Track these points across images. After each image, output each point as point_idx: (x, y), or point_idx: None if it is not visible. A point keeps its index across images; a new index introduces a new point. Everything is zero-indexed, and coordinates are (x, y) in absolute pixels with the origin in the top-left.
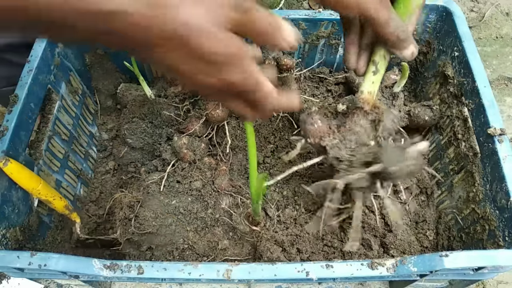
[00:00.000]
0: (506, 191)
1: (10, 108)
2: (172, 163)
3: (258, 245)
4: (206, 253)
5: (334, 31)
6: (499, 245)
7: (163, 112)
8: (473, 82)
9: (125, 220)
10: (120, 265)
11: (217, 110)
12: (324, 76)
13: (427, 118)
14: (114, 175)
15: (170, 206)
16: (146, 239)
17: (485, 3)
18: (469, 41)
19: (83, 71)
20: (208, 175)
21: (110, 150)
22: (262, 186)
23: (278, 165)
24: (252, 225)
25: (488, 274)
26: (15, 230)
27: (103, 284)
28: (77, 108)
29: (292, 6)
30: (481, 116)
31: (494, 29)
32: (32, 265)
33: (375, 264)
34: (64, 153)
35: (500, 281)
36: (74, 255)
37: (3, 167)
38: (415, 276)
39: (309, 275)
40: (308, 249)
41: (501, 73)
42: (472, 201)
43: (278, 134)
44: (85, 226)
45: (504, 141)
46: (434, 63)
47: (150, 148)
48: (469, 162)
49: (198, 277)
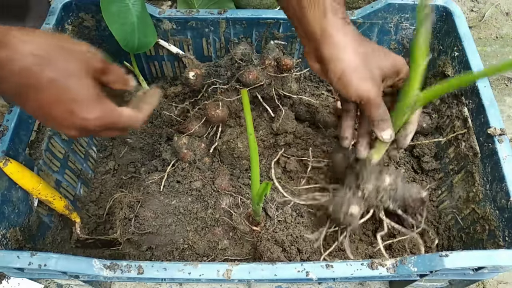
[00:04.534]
0: (506, 191)
1: (10, 108)
2: (172, 163)
3: (258, 245)
4: (206, 253)
5: None
6: (499, 245)
7: (163, 112)
8: (473, 82)
9: (125, 220)
10: (120, 265)
11: (217, 110)
12: None
13: (425, 125)
14: (114, 175)
15: (170, 206)
16: (146, 239)
17: (485, 3)
18: (469, 41)
19: None
20: (208, 175)
21: (110, 150)
22: (265, 191)
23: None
24: (252, 225)
25: (488, 274)
26: (15, 230)
27: (103, 284)
28: None
29: None
30: (481, 116)
31: (494, 29)
32: (32, 265)
33: (375, 264)
34: (64, 153)
35: (500, 281)
36: (74, 255)
37: (3, 167)
38: (415, 276)
39: (309, 275)
40: (308, 249)
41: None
42: (472, 201)
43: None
44: (85, 226)
45: (504, 141)
46: (434, 63)
47: (150, 148)
48: (469, 162)
49: (198, 277)
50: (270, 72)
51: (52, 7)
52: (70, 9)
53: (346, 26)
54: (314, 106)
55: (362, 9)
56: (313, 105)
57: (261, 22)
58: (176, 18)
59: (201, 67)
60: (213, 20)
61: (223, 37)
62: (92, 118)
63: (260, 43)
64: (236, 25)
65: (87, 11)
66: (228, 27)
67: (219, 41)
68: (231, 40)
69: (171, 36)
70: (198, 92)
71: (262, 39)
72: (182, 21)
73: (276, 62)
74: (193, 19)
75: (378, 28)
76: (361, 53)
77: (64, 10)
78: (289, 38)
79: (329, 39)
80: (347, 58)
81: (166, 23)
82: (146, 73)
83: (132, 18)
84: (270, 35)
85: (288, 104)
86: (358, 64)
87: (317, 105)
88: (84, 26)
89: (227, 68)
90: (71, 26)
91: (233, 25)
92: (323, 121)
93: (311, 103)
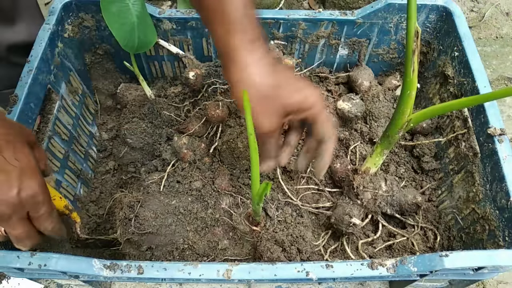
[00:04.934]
0: (506, 191)
1: (10, 108)
2: (172, 163)
3: (258, 245)
4: (206, 253)
5: (334, 31)
6: (499, 245)
7: (163, 112)
8: (473, 82)
9: (125, 220)
10: (120, 265)
11: (217, 110)
12: (325, 75)
13: (425, 125)
14: (114, 175)
15: (170, 206)
16: (146, 239)
17: (485, 3)
18: (469, 41)
19: (83, 71)
20: (208, 175)
21: (110, 150)
22: (265, 191)
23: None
24: (252, 225)
25: (488, 274)
26: None
27: (103, 284)
28: (77, 108)
29: (292, 6)
30: (481, 116)
31: (494, 29)
32: (32, 265)
33: (375, 264)
34: (64, 153)
35: (500, 281)
36: (74, 255)
37: None
38: (415, 276)
39: (309, 275)
40: (308, 249)
41: (501, 73)
42: (472, 201)
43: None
44: (85, 226)
45: (504, 141)
46: (434, 63)
47: (150, 148)
48: (469, 162)
49: (198, 277)
50: None
51: (52, 7)
52: (70, 9)
53: (254, 51)
54: None
55: (362, 9)
56: None
57: (261, 22)
58: (176, 18)
59: (201, 67)
60: None
61: None
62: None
63: None
64: None
65: (87, 11)
66: None
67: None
68: None
69: (171, 36)
70: (198, 92)
71: None
72: (182, 21)
73: None
74: (193, 19)
75: (378, 28)
76: (266, 84)
77: (64, 10)
78: (289, 38)
79: (233, 62)
80: (249, 85)
81: (166, 23)
82: (146, 73)
83: (132, 18)
84: (270, 35)
85: None
86: (258, 95)
87: None
88: (84, 26)
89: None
90: (71, 26)
91: None
92: None
93: None
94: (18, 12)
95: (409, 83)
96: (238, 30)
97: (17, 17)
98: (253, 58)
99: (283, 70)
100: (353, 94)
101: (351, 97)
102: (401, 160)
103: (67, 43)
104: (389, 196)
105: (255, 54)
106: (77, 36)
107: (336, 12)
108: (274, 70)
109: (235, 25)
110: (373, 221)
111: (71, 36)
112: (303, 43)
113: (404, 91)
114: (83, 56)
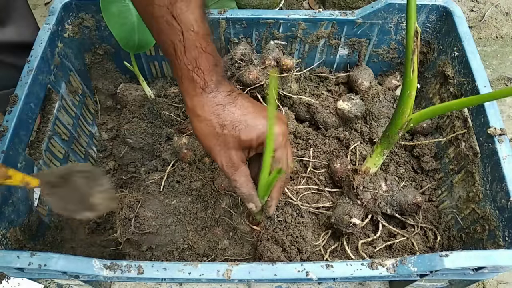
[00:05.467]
0: (506, 191)
1: (10, 108)
2: (172, 163)
3: (258, 245)
4: (206, 253)
5: (334, 31)
6: (499, 245)
7: (163, 112)
8: (473, 82)
9: (125, 220)
10: (120, 265)
11: None
12: (325, 75)
13: (425, 125)
14: (114, 175)
15: (170, 206)
16: (146, 239)
17: (485, 3)
18: (469, 41)
19: (83, 71)
20: (208, 175)
21: (110, 150)
22: (276, 179)
23: None
24: (252, 225)
25: (488, 274)
26: (15, 230)
27: (103, 284)
28: (77, 108)
29: (292, 6)
30: (481, 116)
31: (494, 29)
32: (32, 265)
33: (375, 264)
34: (64, 153)
35: (500, 281)
36: (74, 255)
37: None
38: (415, 276)
39: (309, 275)
40: (308, 249)
41: (501, 73)
42: (472, 201)
43: None
44: (85, 226)
45: (504, 141)
46: (434, 63)
47: (150, 148)
48: (469, 162)
49: (198, 277)
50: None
51: (52, 7)
52: (70, 9)
53: (201, 95)
54: (314, 106)
55: (362, 9)
56: (313, 105)
57: (261, 22)
58: None
59: None
60: (213, 20)
61: (223, 37)
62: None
63: (260, 43)
64: (236, 25)
65: (87, 11)
66: (228, 27)
67: (219, 41)
68: (231, 40)
69: None
70: None
71: (262, 39)
72: None
73: (276, 62)
74: None
75: (378, 28)
76: (218, 124)
77: (64, 10)
78: (289, 38)
79: (186, 102)
80: (200, 127)
81: None
82: (146, 73)
83: (132, 18)
84: (270, 35)
85: (288, 104)
86: (212, 134)
87: (317, 105)
88: (84, 26)
89: (227, 68)
90: (71, 26)
91: (233, 25)
92: (323, 121)
93: (311, 103)
94: (7, 13)
95: (409, 83)
96: (186, 78)
97: (5, 17)
98: (202, 104)
99: (233, 109)
100: (353, 94)
101: (351, 97)
102: (401, 160)
103: (67, 43)
104: (389, 196)
105: (206, 97)
106: (77, 36)
107: (336, 12)
108: (223, 112)
109: (182, 71)
110: (373, 221)
111: (71, 36)
112: (303, 43)
113: (404, 91)
114: (83, 56)
